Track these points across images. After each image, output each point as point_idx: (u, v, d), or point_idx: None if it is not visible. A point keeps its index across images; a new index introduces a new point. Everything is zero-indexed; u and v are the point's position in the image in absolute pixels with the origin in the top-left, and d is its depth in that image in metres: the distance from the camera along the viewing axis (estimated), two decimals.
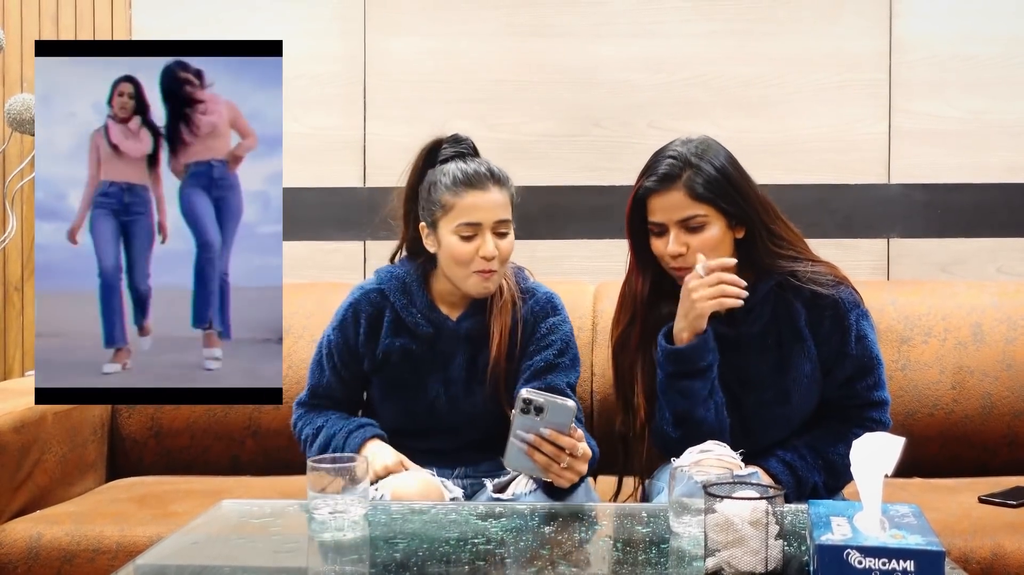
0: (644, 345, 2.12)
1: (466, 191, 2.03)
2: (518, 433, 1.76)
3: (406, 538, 1.64)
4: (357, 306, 2.17)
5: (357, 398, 2.25)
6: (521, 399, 1.75)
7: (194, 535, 1.72)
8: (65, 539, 2.15)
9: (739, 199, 2.04)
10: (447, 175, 2.05)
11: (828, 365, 2.10)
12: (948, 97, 3.01)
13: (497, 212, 2.04)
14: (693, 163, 2.02)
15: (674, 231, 2.03)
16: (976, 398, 2.58)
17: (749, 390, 2.10)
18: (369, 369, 2.17)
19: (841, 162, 3.02)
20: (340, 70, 3.10)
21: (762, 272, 2.08)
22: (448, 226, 2.05)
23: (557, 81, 3.07)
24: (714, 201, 2.02)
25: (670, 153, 2.05)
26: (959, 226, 3.01)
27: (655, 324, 2.11)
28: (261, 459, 2.69)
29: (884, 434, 1.42)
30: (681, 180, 2.02)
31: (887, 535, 1.33)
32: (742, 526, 1.36)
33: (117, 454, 2.72)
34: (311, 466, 1.69)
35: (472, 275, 2.05)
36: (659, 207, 2.04)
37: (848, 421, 2.10)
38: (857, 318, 2.09)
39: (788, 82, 3.03)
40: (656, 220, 2.06)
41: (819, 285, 2.06)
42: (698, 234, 2.03)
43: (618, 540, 1.67)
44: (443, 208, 2.05)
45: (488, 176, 2.04)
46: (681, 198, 2.02)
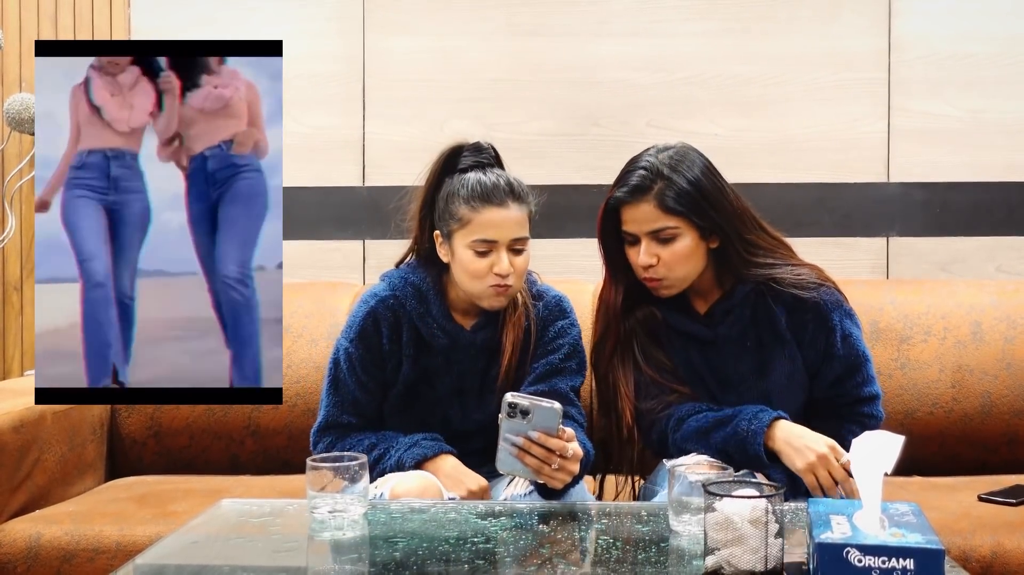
0: (621, 352, 2.11)
1: (484, 207, 1.97)
2: (507, 437, 1.76)
3: (406, 537, 1.63)
4: (376, 314, 2.08)
5: (380, 411, 2.14)
6: (506, 403, 1.76)
7: (193, 534, 1.71)
8: (64, 539, 2.14)
9: (712, 211, 2.02)
10: (465, 187, 1.99)
11: (815, 367, 2.10)
12: (947, 96, 3.00)
13: (514, 230, 1.99)
14: (665, 175, 2.01)
15: (645, 242, 2.03)
16: (976, 397, 2.57)
17: (728, 391, 2.09)
18: (390, 378, 2.11)
19: (840, 161, 3.01)
20: (339, 69, 3.09)
21: (740, 276, 2.08)
22: (463, 240, 2.00)
23: (556, 80, 3.06)
24: (685, 215, 2.01)
25: (642, 164, 2.04)
26: (958, 225, 3.00)
27: (628, 332, 2.11)
28: (260, 459, 2.68)
29: (884, 432, 1.42)
30: (652, 192, 2.01)
31: (887, 533, 1.33)
32: (742, 525, 1.36)
33: (116, 454, 2.71)
34: (311, 465, 1.69)
35: (487, 289, 2.01)
36: (631, 218, 2.04)
37: (841, 418, 2.10)
38: (840, 318, 2.09)
39: (787, 81, 3.03)
40: (628, 230, 2.06)
41: (800, 288, 2.05)
42: (669, 245, 2.02)
43: (617, 539, 1.67)
44: (460, 221, 1.99)
45: (507, 192, 1.98)
46: (651, 210, 2.01)
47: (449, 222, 2.01)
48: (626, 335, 2.11)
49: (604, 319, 2.15)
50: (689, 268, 2.05)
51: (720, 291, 2.12)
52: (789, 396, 2.10)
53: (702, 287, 2.12)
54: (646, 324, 2.11)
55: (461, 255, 2.00)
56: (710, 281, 2.12)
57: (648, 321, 2.10)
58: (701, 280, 2.10)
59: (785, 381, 2.09)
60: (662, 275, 2.04)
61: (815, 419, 2.10)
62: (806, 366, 2.09)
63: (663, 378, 2.08)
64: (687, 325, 2.11)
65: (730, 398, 2.08)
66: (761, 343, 2.09)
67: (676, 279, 2.06)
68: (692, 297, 2.14)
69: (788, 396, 2.10)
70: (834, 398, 2.12)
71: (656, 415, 2.07)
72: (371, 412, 2.12)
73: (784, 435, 1.96)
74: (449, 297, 2.11)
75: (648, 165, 2.02)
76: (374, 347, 2.08)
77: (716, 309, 2.10)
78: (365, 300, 2.11)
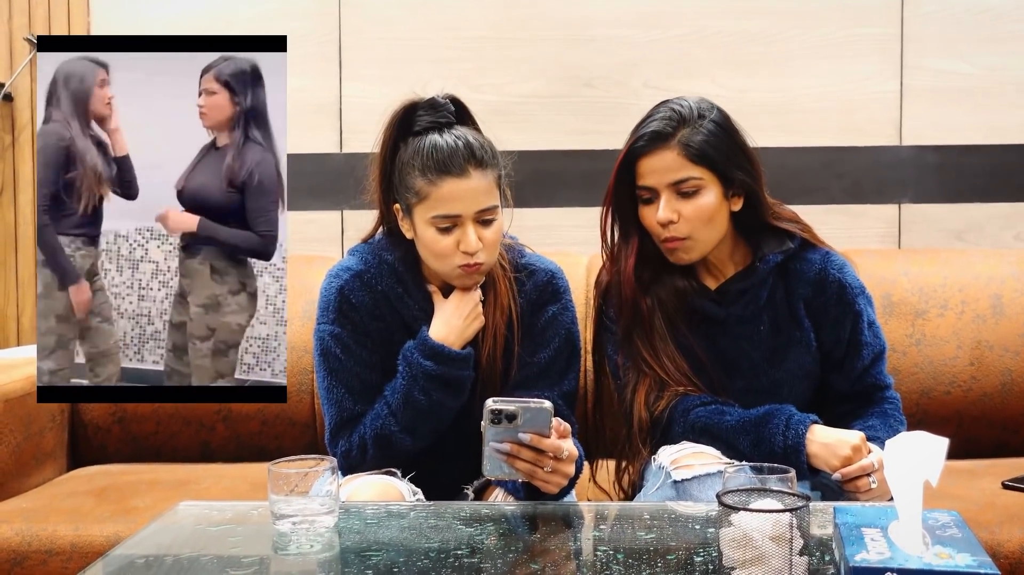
0: (641, 331, 1.97)
1: (441, 178, 1.75)
2: (492, 444, 1.61)
3: (381, 549, 1.47)
4: (349, 289, 1.88)
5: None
6: (489, 411, 1.59)
7: (143, 546, 1.55)
8: (15, 539, 2.05)
9: (737, 166, 1.89)
10: (420, 155, 1.77)
11: (834, 355, 1.97)
12: (963, 52, 2.90)
13: (479, 200, 1.77)
14: (689, 120, 1.87)
15: (665, 196, 1.88)
16: (996, 375, 2.48)
17: (736, 377, 1.96)
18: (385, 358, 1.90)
19: (848, 123, 2.92)
20: (313, 27, 2.96)
21: (760, 250, 1.95)
22: (423, 215, 1.79)
23: (545, 38, 2.95)
24: (711, 164, 1.87)
25: (663, 111, 1.90)
26: (975, 190, 2.91)
27: (649, 308, 1.96)
28: (232, 445, 2.59)
29: (924, 433, 1.25)
30: (675, 139, 1.86)
31: (931, 553, 1.16)
32: (762, 542, 1.20)
33: (79, 441, 2.62)
34: (272, 470, 1.51)
35: (455, 269, 1.81)
36: (649, 169, 1.88)
37: (866, 405, 2.00)
38: (864, 304, 1.98)
39: (791, 37, 2.92)
40: (646, 184, 1.90)
41: (825, 269, 1.95)
42: (692, 199, 1.88)
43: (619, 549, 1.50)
44: (417, 195, 1.79)
45: (468, 157, 1.76)
46: (674, 158, 1.86)
47: (407, 196, 1.81)
48: (648, 312, 1.96)
49: (617, 295, 1.99)
50: (712, 229, 1.91)
51: (733, 267, 1.99)
52: (800, 387, 1.98)
53: (717, 259, 1.98)
54: (669, 298, 1.96)
55: (423, 232, 1.80)
56: (726, 253, 1.98)
57: (672, 295, 1.96)
58: (718, 251, 1.96)
59: (798, 371, 1.96)
60: (685, 233, 1.89)
61: (837, 406, 1.99)
62: (822, 354, 1.97)
63: (685, 359, 1.95)
64: (695, 301, 1.96)
65: (737, 385, 1.95)
66: (777, 328, 1.95)
67: (699, 240, 1.91)
68: (701, 271, 2.00)
69: (800, 387, 1.97)
70: (857, 387, 2.00)
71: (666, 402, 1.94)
72: (379, 381, 1.89)
73: (815, 437, 1.84)
74: (425, 275, 1.92)
75: (670, 113, 1.88)
76: (357, 322, 1.88)
77: (730, 287, 1.96)
78: (336, 274, 1.91)
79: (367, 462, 1.84)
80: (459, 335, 1.84)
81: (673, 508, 1.69)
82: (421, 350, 1.82)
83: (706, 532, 1.52)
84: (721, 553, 1.24)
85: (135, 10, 2.94)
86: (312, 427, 2.54)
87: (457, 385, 1.84)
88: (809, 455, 1.82)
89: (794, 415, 1.85)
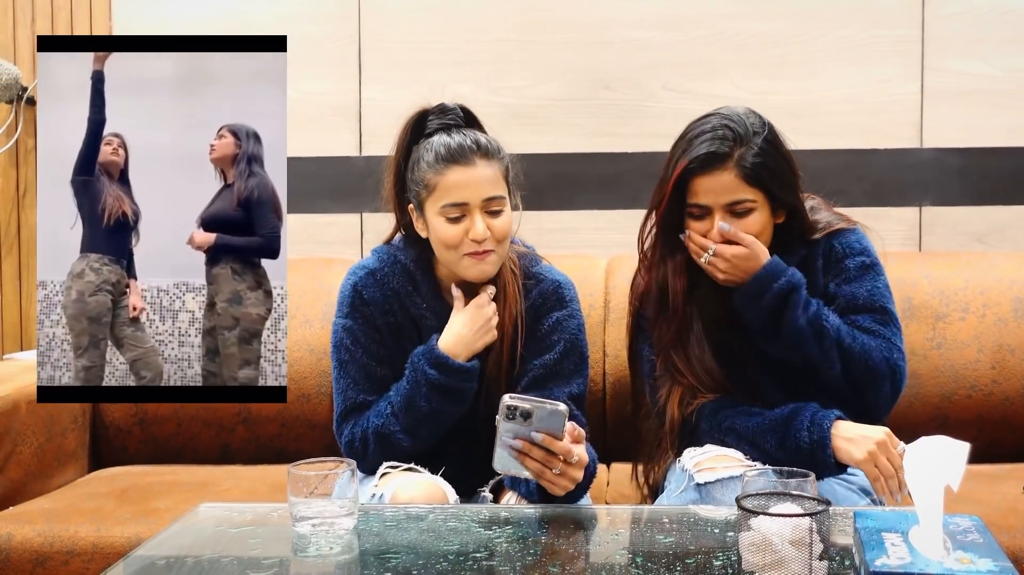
0: (681, 338, 1.99)
1: (448, 168, 1.83)
2: (505, 439, 1.62)
3: (400, 552, 1.47)
4: (364, 286, 1.96)
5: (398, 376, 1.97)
6: (505, 407, 1.61)
7: (164, 547, 1.56)
8: (37, 540, 2.05)
9: (789, 180, 1.93)
10: (429, 151, 1.86)
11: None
12: (984, 54, 2.86)
13: (485, 189, 1.84)
14: (744, 139, 1.87)
15: (719, 215, 1.89)
16: (1018, 378, 2.45)
17: (762, 373, 1.97)
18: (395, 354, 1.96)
19: (869, 125, 2.88)
20: (333, 30, 2.96)
21: (793, 247, 1.98)
22: (434, 207, 1.86)
23: (564, 41, 2.93)
24: (765, 186, 1.88)
25: (716, 127, 1.89)
26: (997, 193, 2.88)
27: (689, 316, 1.98)
28: (252, 447, 2.59)
29: (944, 438, 1.24)
30: (732, 159, 1.86)
31: (952, 559, 1.16)
32: (781, 546, 1.19)
33: (100, 443, 2.62)
34: (291, 472, 1.51)
35: (464, 258, 1.86)
36: (705, 188, 1.89)
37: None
38: (875, 261, 2.07)
39: (811, 40, 2.90)
40: (699, 202, 1.90)
41: (831, 244, 2.03)
42: (743, 219, 1.89)
43: (638, 553, 1.50)
44: (427, 188, 1.86)
45: (473, 149, 1.84)
46: (731, 180, 1.87)
47: (418, 191, 1.89)
48: (688, 320, 1.98)
49: (660, 306, 1.99)
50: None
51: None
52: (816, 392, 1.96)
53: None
54: (708, 306, 1.98)
55: (434, 224, 1.87)
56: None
57: (712, 302, 1.98)
58: None
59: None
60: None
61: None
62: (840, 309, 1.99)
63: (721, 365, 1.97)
64: (732, 310, 1.97)
65: (771, 388, 1.97)
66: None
67: None
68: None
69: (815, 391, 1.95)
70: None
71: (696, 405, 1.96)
72: (390, 384, 1.95)
73: (839, 432, 1.84)
74: (438, 275, 1.98)
75: (724, 132, 1.88)
76: (369, 317, 1.96)
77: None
78: (353, 272, 2.01)
79: (368, 456, 1.91)
80: (467, 347, 1.89)
81: (693, 511, 1.69)
82: (427, 359, 1.87)
83: (726, 536, 1.52)
84: (740, 557, 1.24)
85: (156, 13, 2.95)
86: (331, 430, 2.54)
87: (459, 396, 1.89)
88: (835, 449, 1.82)
89: (818, 411, 1.85)
